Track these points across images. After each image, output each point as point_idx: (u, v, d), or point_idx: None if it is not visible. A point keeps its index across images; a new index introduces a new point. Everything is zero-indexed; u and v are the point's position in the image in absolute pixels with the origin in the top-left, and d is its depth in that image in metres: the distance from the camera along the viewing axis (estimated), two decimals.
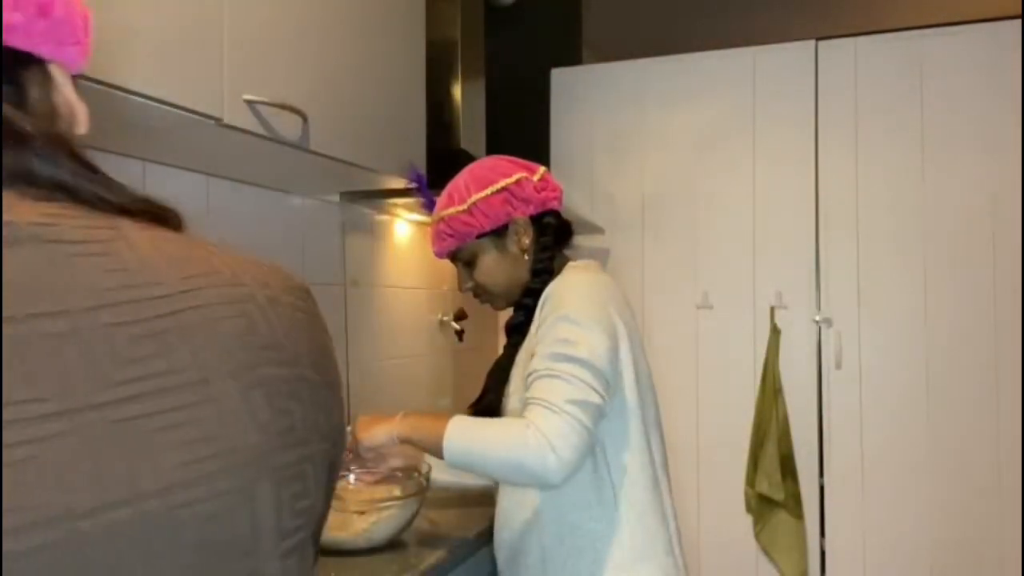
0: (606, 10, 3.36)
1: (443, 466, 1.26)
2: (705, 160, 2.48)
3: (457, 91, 2.10)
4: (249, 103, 1.19)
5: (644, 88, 2.54)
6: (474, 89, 2.18)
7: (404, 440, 1.24)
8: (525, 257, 1.36)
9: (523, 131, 2.61)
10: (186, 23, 1.08)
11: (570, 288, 1.26)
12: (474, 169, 1.38)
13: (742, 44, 2.47)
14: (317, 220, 1.87)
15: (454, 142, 2.10)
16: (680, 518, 1.39)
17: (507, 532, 1.33)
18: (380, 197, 1.88)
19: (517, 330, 1.34)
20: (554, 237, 1.38)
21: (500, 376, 1.35)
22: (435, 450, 1.18)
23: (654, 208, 2.53)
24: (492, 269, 1.37)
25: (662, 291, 2.51)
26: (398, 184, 1.71)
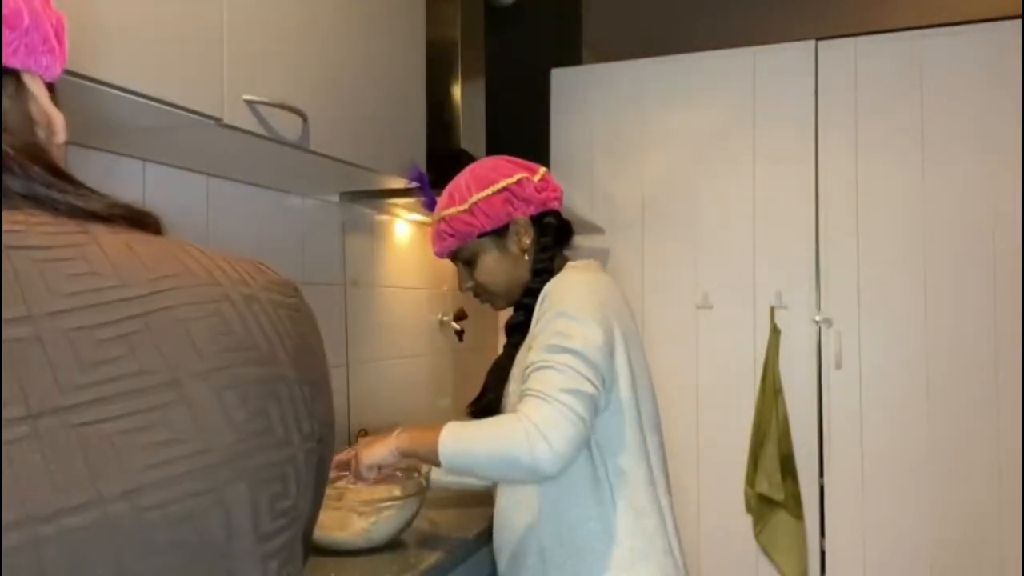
0: (606, 10, 3.36)
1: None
2: (705, 160, 2.48)
3: (457, 91, 2.10)
4: (249, 103, 1.18)
5: (644, 88, 2.54)
6: (474, 89, 2.18)
7: (404, 453, 1.24)
8: (525, 257, 1.36)
9: (523, 131, 2.61)
10: (186, 23, 1.08)
11: (568, 286, 1.27)
12: (475, 169, 1.38)
13: (742, 44, 2.47)
14: (317, 220, 1.87)
15: (454, 142, 2.10)
16: (680, 518, 1.39)
17: (506, 533, 1.33)
18: (380, 197, 1.88)
19: (517, 330, 1.34)
20: (554, 237, 1.38)
21: (500, 375, 1.35)
22: (433, 459, 1.18)
23: (654, 208, 2.53)
24: (492, 269, 1.37)
25: (662, 291, 2.50)
26: (398, 184, 1.71)
